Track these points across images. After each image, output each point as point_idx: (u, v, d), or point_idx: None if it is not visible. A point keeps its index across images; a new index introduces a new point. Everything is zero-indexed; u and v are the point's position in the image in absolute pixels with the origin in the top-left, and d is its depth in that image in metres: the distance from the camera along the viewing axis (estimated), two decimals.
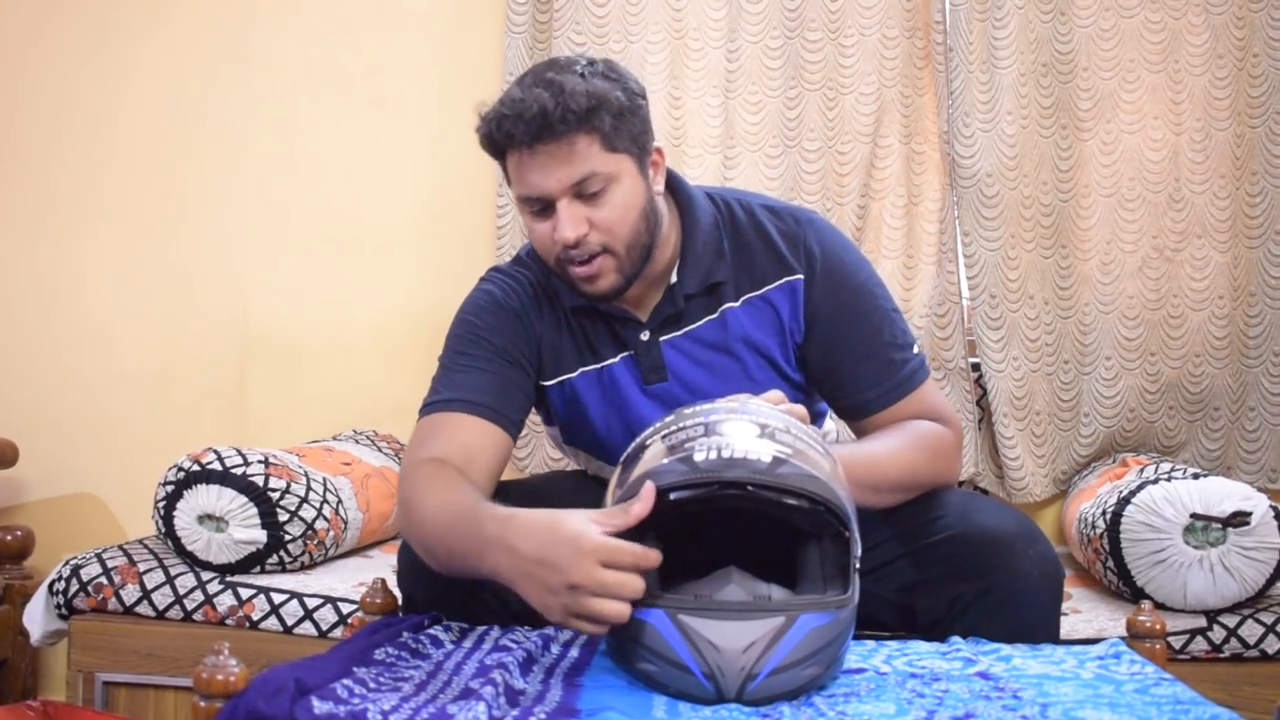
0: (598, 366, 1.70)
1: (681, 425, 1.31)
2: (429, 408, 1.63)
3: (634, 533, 1.23)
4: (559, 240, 1.56)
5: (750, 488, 1.21)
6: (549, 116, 1.51)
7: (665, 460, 1.25)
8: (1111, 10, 2.68)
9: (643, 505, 1.21)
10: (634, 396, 1.69)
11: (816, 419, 1.83)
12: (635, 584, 1.20)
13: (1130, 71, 2.68)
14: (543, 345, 1.70)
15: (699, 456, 1.23)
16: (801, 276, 1.67)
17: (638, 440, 1.35)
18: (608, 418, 1.71)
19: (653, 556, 1.21)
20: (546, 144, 1.53)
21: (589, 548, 1.20)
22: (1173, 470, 2.26)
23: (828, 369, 1.69)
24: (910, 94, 2.74)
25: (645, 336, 1.68)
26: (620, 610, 1.20)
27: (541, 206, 1.57)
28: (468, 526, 1.35)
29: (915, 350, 1.70)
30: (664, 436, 1.31)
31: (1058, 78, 2.69)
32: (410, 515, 1.48)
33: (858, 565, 1.27)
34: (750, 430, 1.27)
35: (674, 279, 1.67)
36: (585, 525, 1.22)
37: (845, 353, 1.67)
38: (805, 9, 2.73)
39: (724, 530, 1.31)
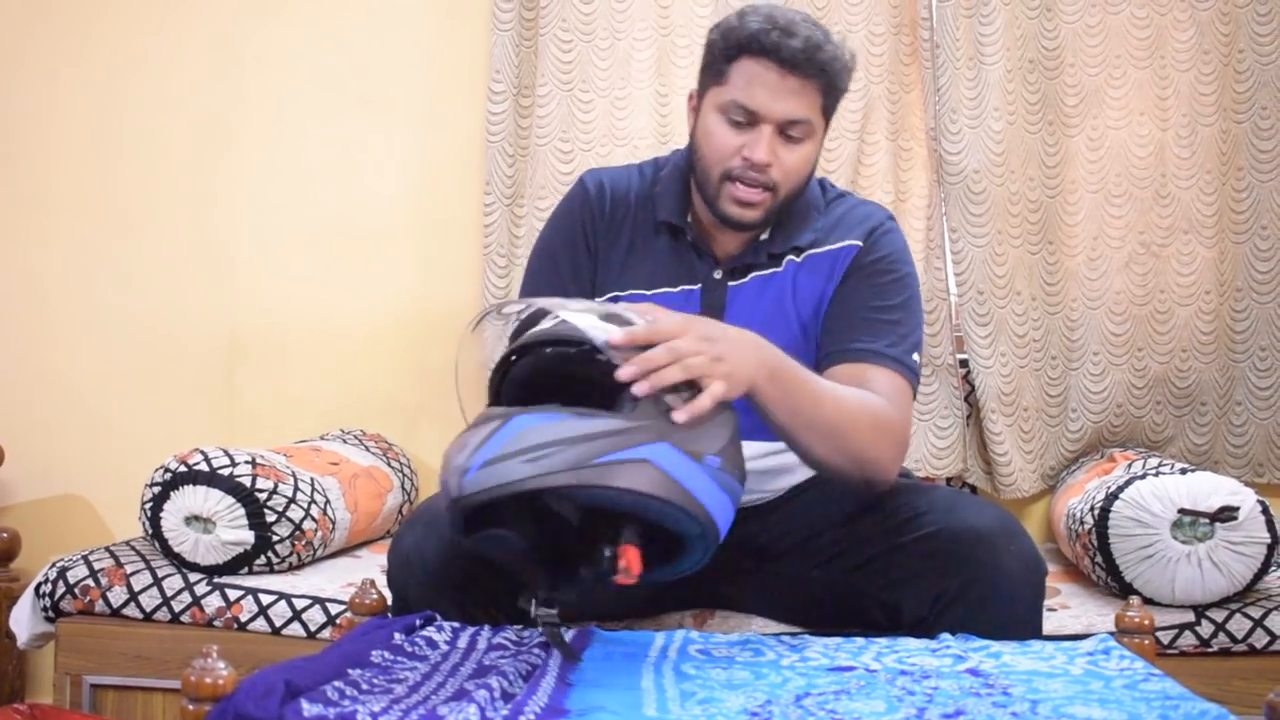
0: (649, 292, 1.76)
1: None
2: None
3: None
4: (751, 157, 1.64)
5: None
6: (818, 53, 1.63)
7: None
8: (1097, 6, 2.68)
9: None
10: None
11: None
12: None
13: (1116, 67, 2.69)
14: (599, 262, 1.79)
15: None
16: (860, 245, 1.75)
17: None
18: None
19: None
20: (796, 73, 1.63)
21: None
22: (1160, 465, 2.26)
23: (828, 318, 1.74)
24: (897, 91, 2.74)
25: (718, 275, 1.76)
26: None
27: (746, 121, 1.65)
28: None
29: (917, 359, 1.72)
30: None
31: (1044, 74, 2.69)
32: None
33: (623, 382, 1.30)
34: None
35: (765, 235, 1.76)
36: None
37: (848, 309, 1.72)
38: (792, 5, 2.72)
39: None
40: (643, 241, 1.78)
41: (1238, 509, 2.04)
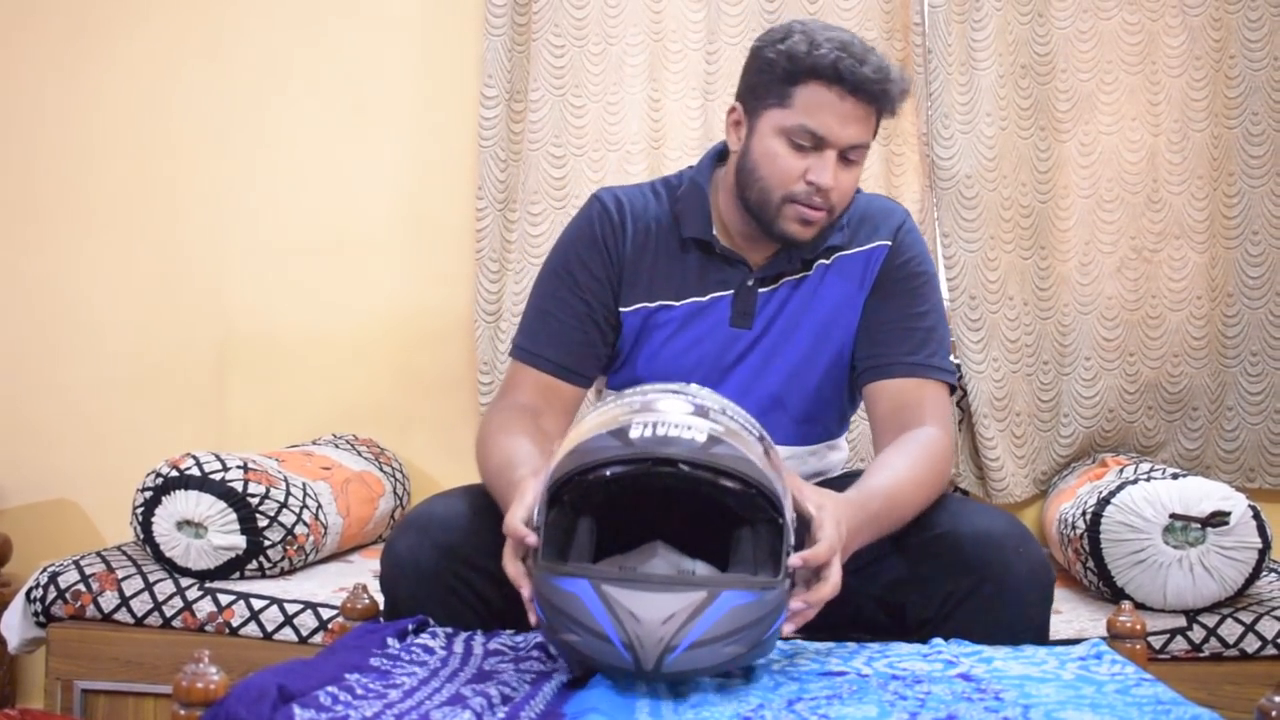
0: (679, 303, 1.77)
1: (619, 401, 1.33)
2: (519, 351, 1.79)
3: (567, 511, 1.27)
4: (818, 182, 1.65)
5: (682, 466, 1.23)
6: (886, 84, 1.66)
7: (599, 433, 1.26)
8: (1089, 12, 2.69)
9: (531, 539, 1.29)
10: (711, 335, 1.77)
11: (842, 422, 1.88)
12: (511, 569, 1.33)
13: (1108, 73, 2.69)
14: (624, 272, 1.78)
15: (634, 433, 1.24)
16: (889, 244, 1.78)
17: (581, 414, 1.39)
18: (658, 359, 1.77)
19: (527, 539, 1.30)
20: (863, 100, 1.65)
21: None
22: (1152, 470, 2.27)
23: (867, 328, 1.76)
24: None
25: (750, 282, 1.77)
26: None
27: (811, 146, 1.66)
28: (502, 482, 1.52)
29: (952, 359, 1.78)
30: (600, 412, 1.32)
31: (1036, 79, 2.70)
32: (477, 453, 1.67)
33: (790, 550, 1.27)
34: (684, 408, 1.29)
35: None
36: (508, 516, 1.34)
37: (888, 318, 1.75)
38: (784, 11, 2.73)
39: (658, 509, 1.33)
40: (667, 258, 1.78)
41: (1229, 514, 2.04)
